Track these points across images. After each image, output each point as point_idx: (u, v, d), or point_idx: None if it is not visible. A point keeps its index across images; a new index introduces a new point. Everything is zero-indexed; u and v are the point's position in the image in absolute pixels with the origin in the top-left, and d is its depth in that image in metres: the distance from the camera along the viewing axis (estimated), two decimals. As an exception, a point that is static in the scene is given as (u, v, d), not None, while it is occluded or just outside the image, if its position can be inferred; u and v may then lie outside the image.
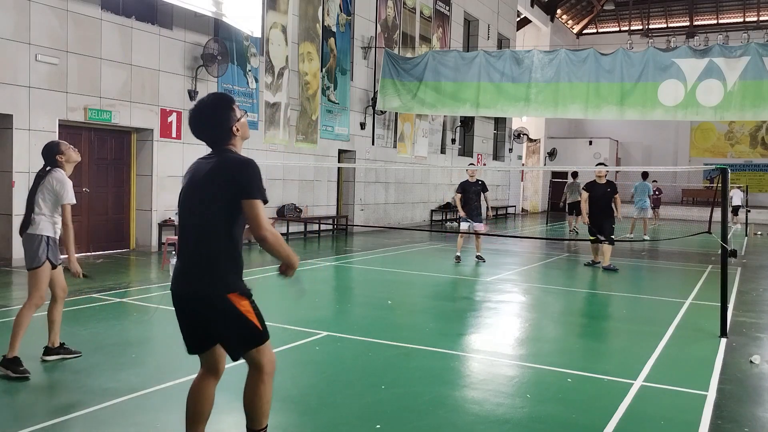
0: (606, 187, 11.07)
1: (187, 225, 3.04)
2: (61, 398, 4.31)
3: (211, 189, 2.94)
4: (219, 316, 2.94)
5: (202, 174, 3.01)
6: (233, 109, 3.08)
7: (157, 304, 7.21)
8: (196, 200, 2.99)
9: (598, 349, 6.33)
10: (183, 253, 3.05)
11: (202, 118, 3.06)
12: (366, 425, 3.97)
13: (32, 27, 9.93)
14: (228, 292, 2.93)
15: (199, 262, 2.96)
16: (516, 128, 29.51)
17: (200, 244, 2.96)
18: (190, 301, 3.00)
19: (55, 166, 5.02)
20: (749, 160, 34.98)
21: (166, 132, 12.23)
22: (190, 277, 2.98)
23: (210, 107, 3.07)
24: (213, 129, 3.06)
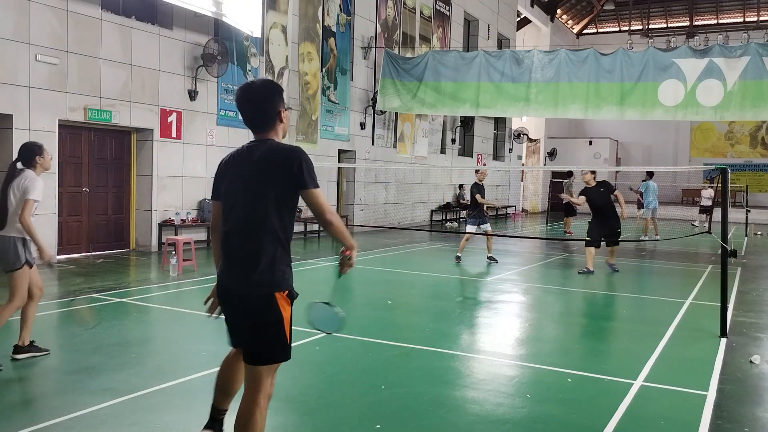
0: (599, 188, 10.87)
1: (234, 216, 2.92)
2: (61, 398, 4.30)
3: (260, 180, 2.85)
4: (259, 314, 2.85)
5: (248, 163, 2.92)
6: (282, 97, 3.06)
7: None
8: (244, 190, 2.89)
9: (598, 349, 6.34)
10: (231, 247, 2.92)
11: (253, 98, 2.99)
12: (366, 425, 3.97)
13: (32, 27, 9.93)
14: (276, 290, 2.85)
15: (251, 257, 2.85)
16: (516, 128, 29.51)
17: (255, 234, 2.84)
18: (235, 295, 2.91)
19: (29, 167, 5.08)
20: (749, 160, 34.97)
21: (166, 132, 12.23)
22: (239, 272, 2.88)
23: (263, 89, 3.02)
24: (262, 110, 2.99)
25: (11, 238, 4.93)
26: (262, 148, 2.92)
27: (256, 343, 2.89)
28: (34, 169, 5.09)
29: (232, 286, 2.92)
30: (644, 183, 17.69)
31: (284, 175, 2.83)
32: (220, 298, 3.02)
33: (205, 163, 13.12)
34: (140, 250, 12.08)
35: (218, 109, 13.38)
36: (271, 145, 2.94)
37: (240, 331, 2.98)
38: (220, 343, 6.09)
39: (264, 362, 2.91)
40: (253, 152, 2.94)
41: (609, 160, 34.40)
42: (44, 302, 7.22)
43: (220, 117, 13.44)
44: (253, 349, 2.91)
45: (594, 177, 11.04)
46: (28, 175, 5.00)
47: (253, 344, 2.90)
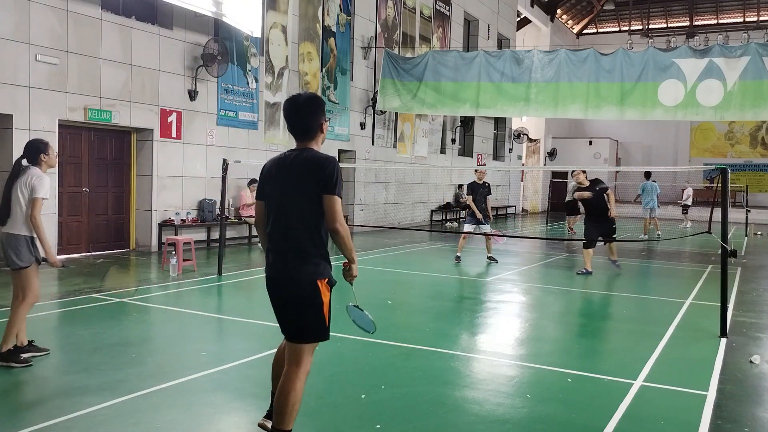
0: (594, 187, 10.77)
1: (278, 215, 3.30)
2: (61, 398, 4.30)
3: (299, 184, 3.24)
4: (303, 298, 3.24)
5: (290, 168, 3.29)
6: (324, 110, 3.42)
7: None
8: (286, 193, 3.28)
9: (598, 349, 6.34)
10: (276, 242, 3.30)
11: (300, 110, 3.35)
12: (366, 425, 3.97)
13: (32, 27, 9.93)
14: (317, 278, 3.25)
15: (292, 251, 3.24)
16: (516, 128, 29.50)
17: (296, 232, 3.24)
18: (282, 283, 3.29)
19: (35, 164, 5.06)
20: (749, 160, 34.97)
21: (166, 132, 12.22)
22: (284, 263, 3.26)
23: (308, 103, 3.38)
24: (306, 122, 3.34)
25: (21, 237, 4.94)
26: (303, 156, 3.31)
27: (299, 323, 3.29)
28: (40, 167, 5.07)
29: (279, 276, 3.30)
30: (642, 184, 17.73)
31: (317, 179, 3.21)
32: (269, 288, 3.38)
33: (205, 163, 13.12)
34: (140, 250, 12.08)
35: (218, 109, 13.38)
36: (310, 153, 3.32)
37: (286, 315, 3.36)
38: (220, 343, 6.10)
39: (305, 340, 3.31)
40: (294, 159, 3.32)
41: (609, 160, 34.40)
42: (44, 302, 7.23)
43: (220, 117, 13.44)
44: (296, 328, 3.31)
45: (586, 176, 11.07)
46: (34, 172, 4.98)
47: (297, 325, 3.30)
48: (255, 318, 6.90)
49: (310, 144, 3.37)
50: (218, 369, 5.00)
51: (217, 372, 4.94)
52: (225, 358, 5.30)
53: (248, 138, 14.17)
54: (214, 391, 4.52)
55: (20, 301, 5.00)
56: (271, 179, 3.36)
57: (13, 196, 4.95)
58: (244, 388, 4.63)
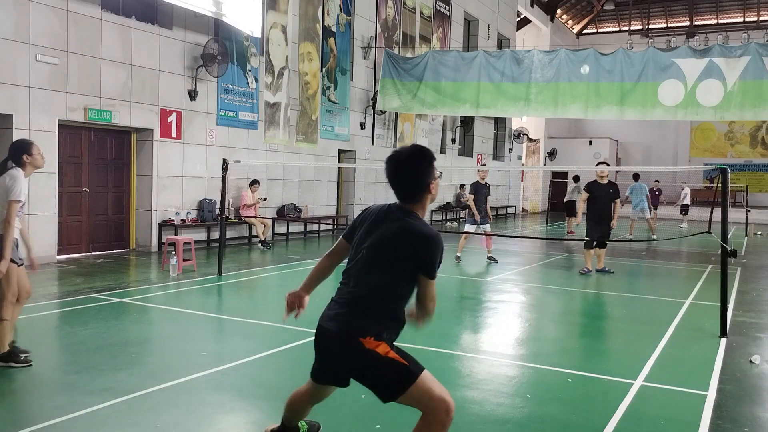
0: (608, 188, 10.60)
1: (356, 269, 2.96)
2: (61, 398, 4.30)
3: (392, 252, 2.87)
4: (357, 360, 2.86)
5: (386, 230, 2.92)
6: (433, 165, 2.96)
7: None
8: (373, 252, 2.91)
9: (598, 349, 6.33)
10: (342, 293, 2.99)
11: (404, 167, 2.94)
12: (366, 425, 3.97)
13: (32, 27, 9.92)
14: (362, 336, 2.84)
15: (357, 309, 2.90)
16: (516, 128, 29.50)
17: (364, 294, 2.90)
18: (330, 340, 2.94)
19: (18, 165, 4.87)
20: (749, 160, 34.97)
21: (166, 132, 12.22)
22: (341, 317, 2.91)
23: (415, 160, 2.95)
24: (411, 181, 2.93)
25: None
26: (407, 224, 2.90)
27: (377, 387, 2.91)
28: (24, 168, 4.88)
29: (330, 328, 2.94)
30: (631, 186, 17.77)
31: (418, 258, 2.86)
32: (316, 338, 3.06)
33: (205, 163, 13.12)
34: (140, 250, 12.08)
35: (218, 109, 13.38)
36: (417, 224, 2.91)
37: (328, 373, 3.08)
38: (220, 343, 6.10)
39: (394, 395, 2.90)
40: (396, 220, 2.92)
41: (609, 160, 34.37)
42: (44, 302, 7.23)
43: (220, 117, 13.44)
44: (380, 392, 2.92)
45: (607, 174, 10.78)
46: (11, 174, 4.78)
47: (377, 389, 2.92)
48: (255, 318, 6.91)
49: (415, 207, 2.97)
50: (218, 369, 5.00)
51: (217, 372, 4.93)
52: (225, 358, 5.30)
53: (248, 138, 14.17)
54: (214, 391, 4.52)
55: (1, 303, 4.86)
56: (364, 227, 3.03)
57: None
58: (244, 388, 4.63)
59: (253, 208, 13.53)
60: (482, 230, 11.81)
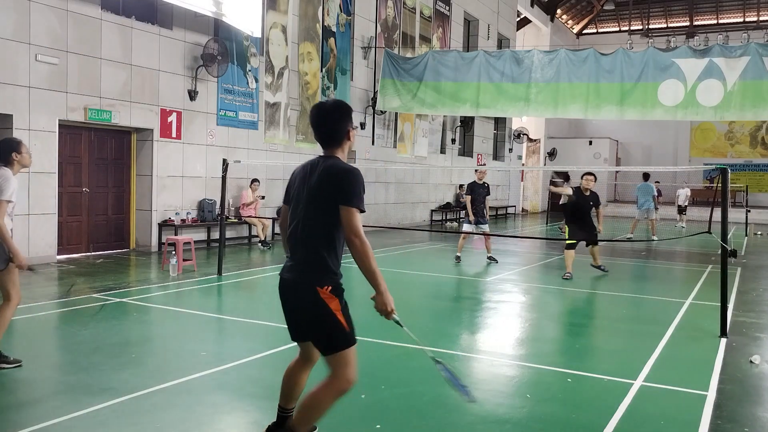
0: (589, 200, 10.41)
1: (297, 221, 3.27)
2: (61, 398, 4.30)
3: (318, 193, 3.18)
4: (308, 307, 3.15)
5: (312, 176, 3.25)
6: (351, 117, 3.36)
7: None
8: (304, 200, 3.24)
9: (598, 349, 6.33)
10: (292, 246, 3.31)
11: (325, 117, 3.30)
12: (366, 425, 3.97)
13: (32, 27, 9.92)
14: (319, 285, 3.12)
15: (303, 256, 3.21)
16: (516, 128, 29.50)
17: (306, 239, 3.20)
18: (289, 290, 3.24)
19: (6, 164, 4.84)
20: (749, 160, 34.96)
21: (166, 132, 12.22)
22: (294, 268, 3.24)
23: (334, 110, 3.32)
24: (331, 129, 3.29)
25: None
26: (326, 164, 3.24)
27: (315, 335, 3.22)
28: (11, 167, 4.85)
29: (285, 282, 3.27)
30: (639, 185, 17.77)
31: (336, 190, 3.12)
32: (279, 292, 3.32)
33: (205, 163, 13.12)
34: (140, 250, 12.08)
35: (218, 109, 13.38)
36: (333, 162, 3.24)
37: (298, 325, 3.31)
38: (220, 343, 6.10)
39: (330, 351, 3.17)
40: (318, 166, 3.26)
41: (609, 160, 34.39)
42: (44, 302, 7.23)
43: (220, 117, 13.44)
44: (315, 340, 3.23)
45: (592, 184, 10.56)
46: (1, 173, 4.73)
47: (314, 337, 3.23)
48: (255, 318, 6.91)
49: (335, 151, 3.32)
50: (218, 369, 5.00)
51: (217, 372, 4.94)
52: (225, 358, 5.30)
53: (248, 138, 14.17)
54: (214, 391, 4.52)
55: (4, 304, 4.87)
56: (296, 184, 3.36)
57: None
58: (244, 388, 4.63)
59: (253, 208, 13.52)
60: (480, 230, 11.79)
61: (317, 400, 3.20)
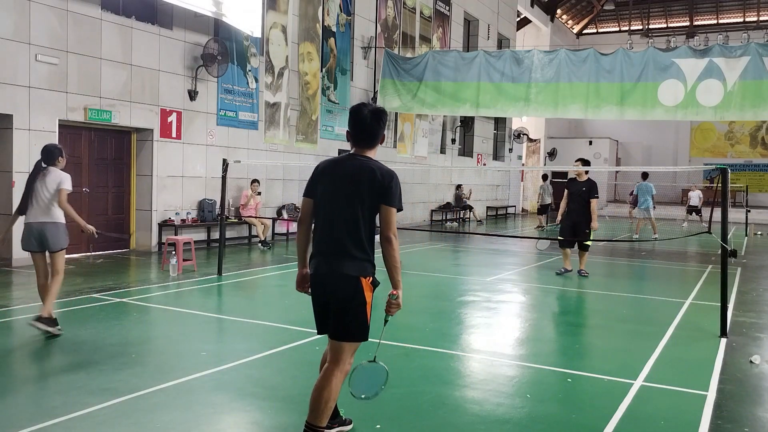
0: (582, 186, 10.22)
1: (332, 215, 3.39)
2: (61, 398, 4.30)
3: (358, 188, 3.35)
4: (347, 295, 3.34)
5: (349, 172, 3.40)
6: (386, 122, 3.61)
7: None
8: (343, 197, 3.37)
9: (598, 349, 6.33)
10: (324, 240, 3.40)
11: (372, 121, 3.49)
12: (366, 425, 3.97)
13: (32, 27, 9.92)
14: (361, 275, 3.35)
15: (345, 250, 3.34)
16: (516, 128, 29.50)
17: (349, 234, 3.34)
18: (327, 281, 3.37)
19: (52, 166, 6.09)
20: (749, 160, 34.96)
21: (166, 132, 12.22)
22: (335, 260, 3.34)
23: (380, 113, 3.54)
24: (375, 133, 3.51)
25: (61, 224, 6.00)
26: (366, 164, 3.42)
27: (343, 321, 3.37)
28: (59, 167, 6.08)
29: (324, 273, 3.38)
30: (638, 184, 17.80)
31: (382, 190, 3.36)
32: (313, 286, 3.47)
33: (205, 163, 13.12)
34: (140, 250, 12.07)
35: (218, 109, 13.38)
36: (374, 162, 3.45)
37: (330, 313, 3.41)
38: (220, 343, 6.10)
39: (348, 339, 3.40)
40: (355, 164, 3.43)
41: (609, 160, 34.38)
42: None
43: (220, 117, 13.44)
44: (340, 327, 3.38)
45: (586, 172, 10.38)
46: (57, 172, 5.99)
47: (341, 323, 3.37)
48: (255, 318, 6.90)
49: (370, 152, 3.51)
50: (218, 369, 5.00)
51: (217, 372, 4.94)
52: (225, 358, 5.30)
53: (248, 138, 14.17)
54: (214, 391, 4.52)
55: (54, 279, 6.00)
56: (325, 179, 3.45)
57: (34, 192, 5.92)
58: (244, 388, 4.63)
59: (253, 208, 13.52)
60: None
61: (332, 392, 3.37)
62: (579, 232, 10.24)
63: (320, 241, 3.43)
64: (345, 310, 3.36)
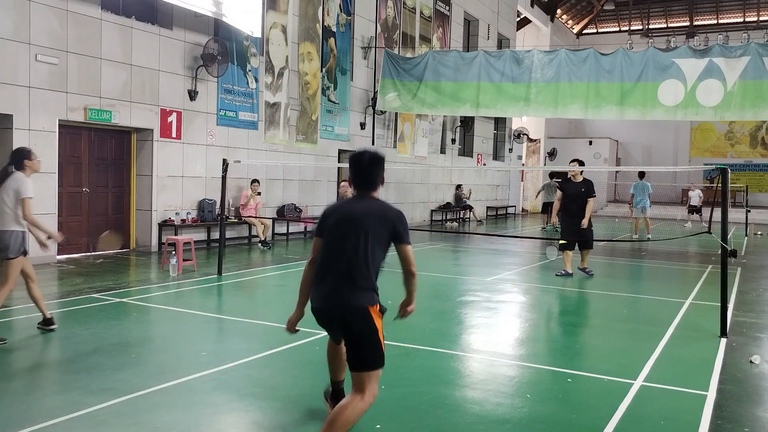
0: (581, 187, 10.23)
1: (341, 250, 3.51)
2: (61, 398, 4.30)
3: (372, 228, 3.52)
4: (357, 325, 3.44)
5: (358, 210, 3.58)
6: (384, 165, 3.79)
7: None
8: (354, 235, 3.50)
9: (598, 349, 6.33)
10: (332, 273, 3.50)
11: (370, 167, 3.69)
12: (366, 425, 3.97)
13: (32, 27, 9.92)
14: (371, 305, 3.47)
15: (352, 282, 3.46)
16: (516, 128, 29.50)
17: (359, 267, 3.47)
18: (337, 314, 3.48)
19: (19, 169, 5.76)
20: (749, 160, 34.96)
21: (166, 132, 12.22)
22: (342, 291, 3.46)
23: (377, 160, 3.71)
24: (375, 177, 3.70)
25: (12, 232, 5.66)
26: (375, 205, 3.63)
27: (360, 353, 3.46)
28: (24, 171, 5.73)
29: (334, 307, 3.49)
30: (634, 183, 17.81)
31: (394, 231, 3.56)
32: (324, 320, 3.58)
33: (205, 163, 13.12)
34: (140, 250, 12.08)
35: (218, 109, 13.38)
36: (382, 204, 3.67)
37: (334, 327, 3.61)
38: (220, 343, 6.10)
39: (367, 368, 3.45)
40: (365, 205, 3.62)
41: (609, 160, 34.39)
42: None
43: (220, 117, 13.44)
44: (358, 358, 3.46)
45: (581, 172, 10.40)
46: (17, 177, 5.64)
47: (358, 354, 3.47)
48: (255, 318, 6.91)
49: (377, 193, 3.73)
50: (218, 369, 5.00)
51: (217, 372, 4.94)
52: (225, 358, 5.30)
53: (248, 138, 14.17)
54: (214, 391, 4.52)
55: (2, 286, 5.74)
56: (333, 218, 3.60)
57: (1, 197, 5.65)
58: (244, 388, 4.63)
59: (253, 208, 13.52)
60: None
61: (349, 419, 3.38)
62: (582, 232, 10.24)
63: (329, 276, 3.52)
64: (360, 341, 3.46)
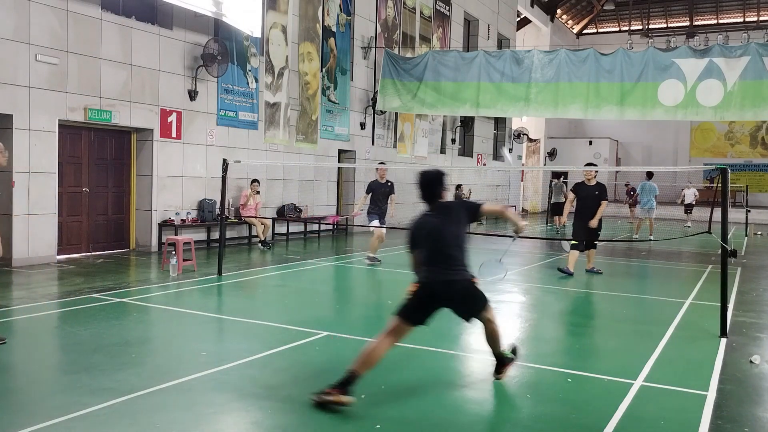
0: (594, 190, 10.46)
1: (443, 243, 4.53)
2: (61, 398, 4.30)
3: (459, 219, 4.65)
4: (469, 292, 4.58)
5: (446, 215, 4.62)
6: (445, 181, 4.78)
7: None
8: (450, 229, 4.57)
9: (598, 349, 6.33)
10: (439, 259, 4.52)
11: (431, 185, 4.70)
12: (366, 425, 3.97)
13: (32, 27, 9.92)
14: (472, 277, 4.59)
15: (457, 262, 4.52)
16: (516, 128, 29.49)
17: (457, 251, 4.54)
18: (455, 284, 4.50)
19: None
20: (749, 160, 34.97)
21: (166, 132, 12.22)
22: (453, 271, 4.50)
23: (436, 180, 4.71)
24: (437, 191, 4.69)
25: None
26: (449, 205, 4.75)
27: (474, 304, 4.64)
28: None
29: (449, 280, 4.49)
30: (641, 183, 17.80)
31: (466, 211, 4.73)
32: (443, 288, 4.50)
33: (205, 163, 13.12)
34: (140, 250, 12.08)
35: (218, 109, 13.38)
36: (452, 202, 4.87)
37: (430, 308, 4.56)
38: (220, 343, 6.10)
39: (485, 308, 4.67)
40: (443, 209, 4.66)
41: (609, 160, 34.40)
42: (44, 302, 7.23)
43: (220, 117, 13.44)
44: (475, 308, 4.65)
45: (595, 176, 10.72)
46: None
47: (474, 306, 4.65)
48: (255, 318, 6.90)
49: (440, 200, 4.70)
50: (218, 369, 5.00)
51: (217, 372, 4.94)
52: (225, 358, 5.30)
53: (248, 138, 14.17)
54: (214, 391, 4.52)
55: None
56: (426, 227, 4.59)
57: None
58: (244, 388, 4.63)
59: (252, 208, 13.52)
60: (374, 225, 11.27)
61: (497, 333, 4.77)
62: (591, 233, 10.38)
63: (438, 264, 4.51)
64: (469, 298, 4.59)
